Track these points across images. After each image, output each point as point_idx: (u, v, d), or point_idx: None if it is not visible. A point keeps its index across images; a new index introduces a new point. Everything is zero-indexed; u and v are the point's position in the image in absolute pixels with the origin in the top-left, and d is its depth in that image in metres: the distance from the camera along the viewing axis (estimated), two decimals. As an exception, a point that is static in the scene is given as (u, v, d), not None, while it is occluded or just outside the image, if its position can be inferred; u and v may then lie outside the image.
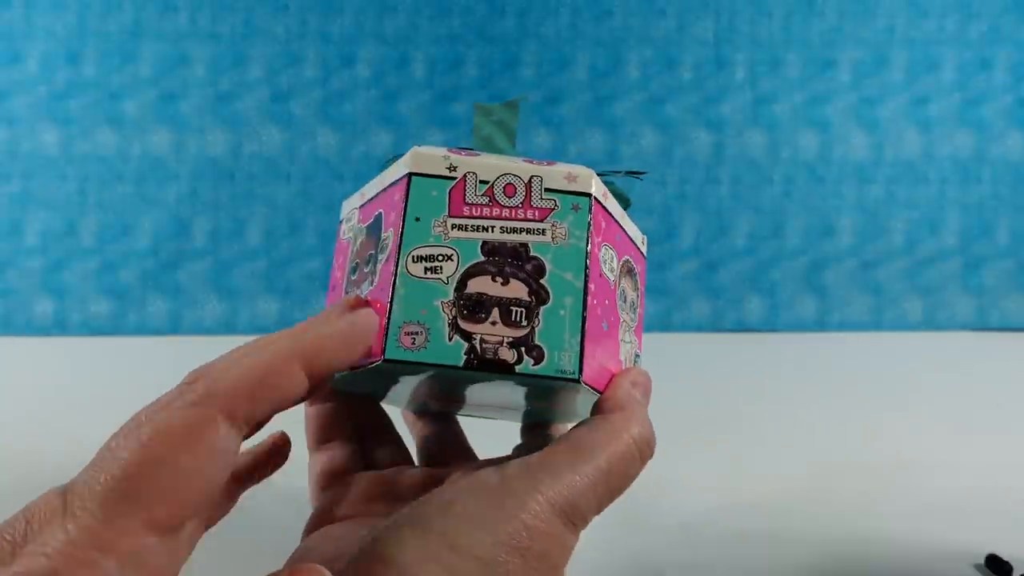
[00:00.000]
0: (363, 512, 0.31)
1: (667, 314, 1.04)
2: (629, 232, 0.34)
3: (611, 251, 0.31)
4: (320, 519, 0.31)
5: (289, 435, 0.31)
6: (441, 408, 0.37)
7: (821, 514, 0.46)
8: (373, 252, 0.30)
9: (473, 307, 0.27)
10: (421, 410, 0.39)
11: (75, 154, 1.01)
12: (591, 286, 0.28)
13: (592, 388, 0.28)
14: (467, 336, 0.27)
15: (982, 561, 0.39)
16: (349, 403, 0.35)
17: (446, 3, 1.03)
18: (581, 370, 0.27)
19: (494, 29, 1.03)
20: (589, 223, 0.29)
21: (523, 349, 0.27)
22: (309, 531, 0.31)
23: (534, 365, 0.27)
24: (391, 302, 0.27)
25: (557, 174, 0.29)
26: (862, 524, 0.44)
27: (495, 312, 0.27)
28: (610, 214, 0.31)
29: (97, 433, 0.25)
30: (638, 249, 0.35)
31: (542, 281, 0.28)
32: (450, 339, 0.27)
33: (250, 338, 0.25)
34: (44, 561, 0.19)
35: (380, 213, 0.31)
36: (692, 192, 1.05)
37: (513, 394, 0.31)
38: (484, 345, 0.27)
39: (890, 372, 0.83)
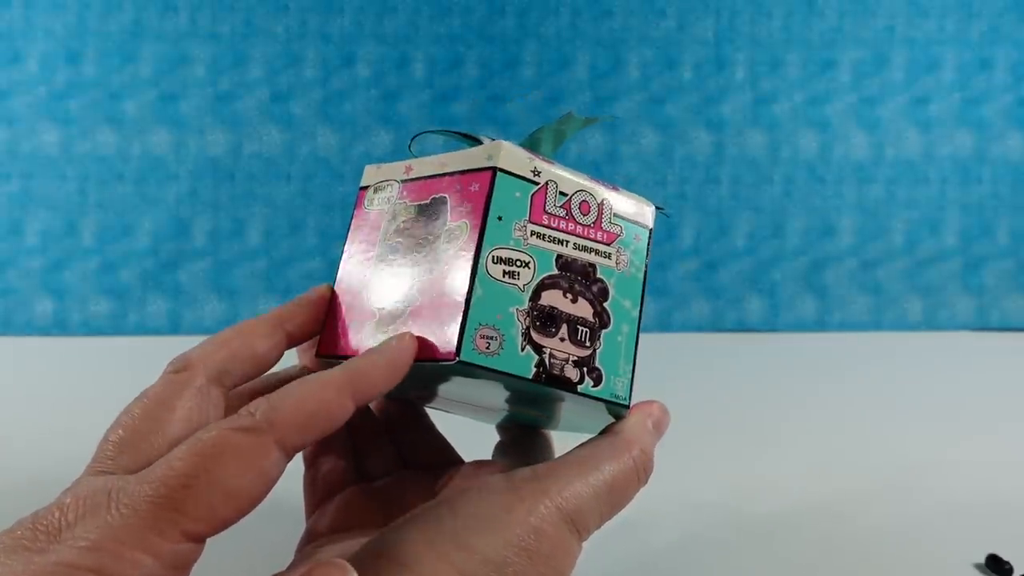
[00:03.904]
0: (356, 525, 0.31)
1: (667, 314, 1.04)
2: None
3: None
4: (313, 533, 0.31)
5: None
6: (417, 399, 0.36)
7: (821, 514, 0.46)
8: (428, 237, 0.29)
9: (546, 320, 0.27)
10: (397, 398, 0.38)
11: (75, 154, 1.01)
12: (641, 316, 0.30)
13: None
14: (538, 348, 0.27)
15: (982, 561, 0.39)
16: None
17: (446, 3, 1.03)
18: (630, 396, 0.29)
19: (494, 29, 1.03)
20: (647, 255, 0.30)
21: (585, 369, 0.28)
22: (302, 546, 0.31)
23: (594, 387, 0.28)
24: (469, 301, 0.26)
25: (624, 202, 0.30)
26: (862, 524, 0.44)
27: (564, 328, 0.28)
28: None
29: (97, 433, 0.25)
30: None
31: (605, 304, 0.29)
32: (522, 349, 0.27)
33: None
34: (88, 554, 0.19)
35: (444, 197, 0.29)
36: (692, 192, 1.05)
37: (499, 397, 0.31)
38: (552, 360, 0.27)
39: (890, 372, 0.83)
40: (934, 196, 1.06)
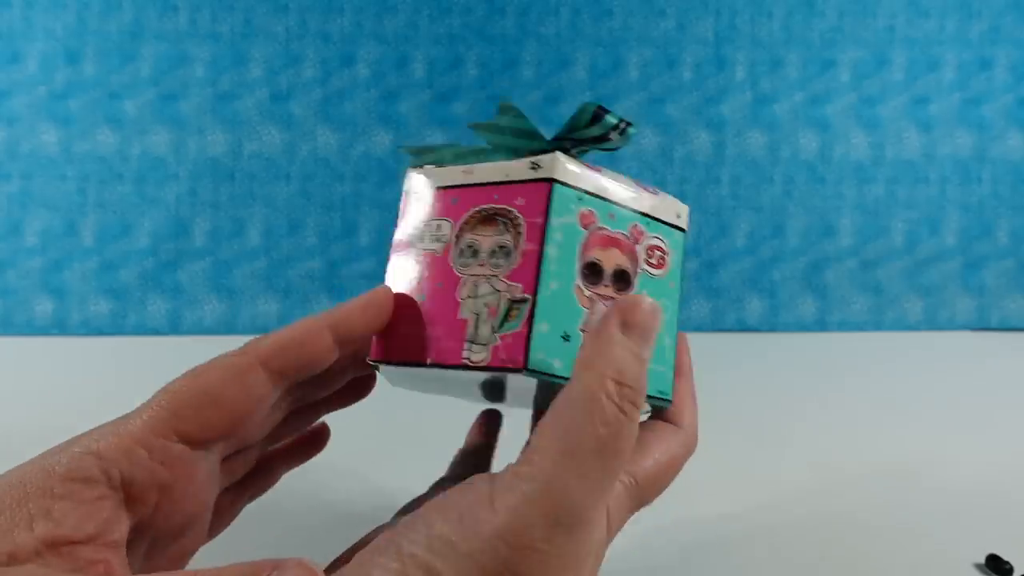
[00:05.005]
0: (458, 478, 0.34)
1: (667, 314, 1.04)
2: (496, 177, 0.30)
3: (434, 223, 0.31)
4: (421, 499, 0.34)
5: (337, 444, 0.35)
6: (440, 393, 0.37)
7: (821, 514, 0.46)
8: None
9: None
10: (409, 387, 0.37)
11: (75, 154, 1.01)
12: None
13: (396, 363, 0.30)
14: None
15: (982, 561, 0.39)
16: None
17: (446, 3, 1.03)
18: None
19: (494, 29, 1.03)
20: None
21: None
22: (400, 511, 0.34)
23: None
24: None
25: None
26: (862, 524, 0.44)
27: None
28: (445, 187, 0.32)
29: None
30: (516, 183, 0.30)
31: None
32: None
33: (250, 338, 0.28)
34: (90, 443, 0.23)
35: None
36: (692, 192, 1.05)
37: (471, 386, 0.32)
38: None
39: (890, 372, 0.83)
40: (934, 196, 1.06)
